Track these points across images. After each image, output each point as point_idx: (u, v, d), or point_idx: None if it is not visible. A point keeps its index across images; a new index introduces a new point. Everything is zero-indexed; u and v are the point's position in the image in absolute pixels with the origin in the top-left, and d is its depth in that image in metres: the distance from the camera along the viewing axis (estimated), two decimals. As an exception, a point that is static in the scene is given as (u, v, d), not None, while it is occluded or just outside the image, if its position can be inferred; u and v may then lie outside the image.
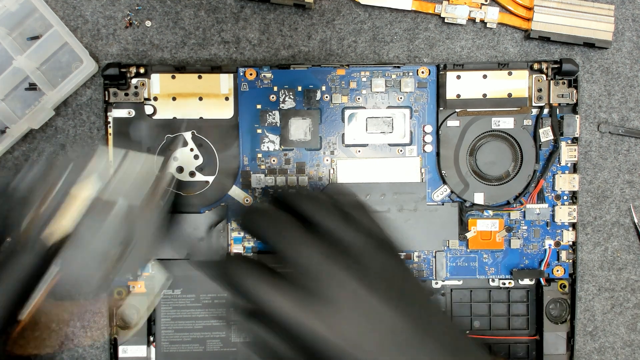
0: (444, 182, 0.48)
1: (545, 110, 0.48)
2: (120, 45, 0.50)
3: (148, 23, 0.50)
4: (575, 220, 0.48)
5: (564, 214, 0.48)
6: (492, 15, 0.49)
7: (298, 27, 0.50)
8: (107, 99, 0.47)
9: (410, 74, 0.48)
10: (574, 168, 0.48)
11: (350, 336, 0.28)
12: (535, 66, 0.48)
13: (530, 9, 0.49)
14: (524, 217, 0.48)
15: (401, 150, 0.48)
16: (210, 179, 0.47)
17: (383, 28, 0.50)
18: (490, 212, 0.49)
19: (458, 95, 0.48)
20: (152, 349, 0.47)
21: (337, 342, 0.28)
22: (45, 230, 0.36)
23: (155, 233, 0.39)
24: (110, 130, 0.48)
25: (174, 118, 0.47)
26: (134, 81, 0.47)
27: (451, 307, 0.49)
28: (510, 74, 0.47)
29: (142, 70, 0.47)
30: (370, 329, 0.28)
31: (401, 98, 0.48)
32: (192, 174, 0.48)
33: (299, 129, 0.48)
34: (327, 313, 0.28)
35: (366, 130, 0.48)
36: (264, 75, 0.48)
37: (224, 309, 0.48)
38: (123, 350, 0.47)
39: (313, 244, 0.29)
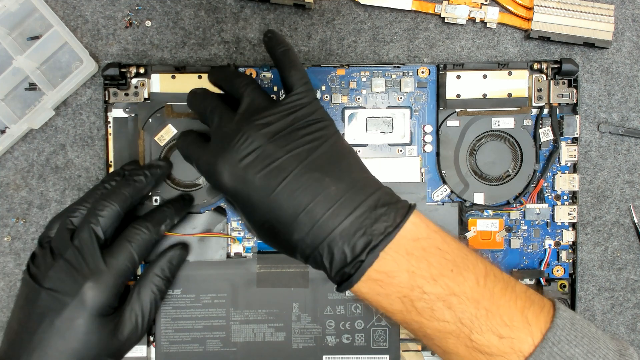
0: (444, 182, 0.48)
1: (545, 110, 0.48)
2: (120, 45, 0.50)
3: (148, 23, 0.50)
4: (575, 220, 0.48)
5: (564, 214, 0.48)
6: (492, 15, 0.49)
7: (298, 27, 0.50)
8: (107, 99, 0.47)
9: (410, 74, 0.48)
10: (574, 168, 0.48)
11: (246, 177, 0.33)
12: (535, 66, 0.48)
13: (530, 9, 0.49)
14: (524, 217, 0.48)
15: (401, 150, 0.48)
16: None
17: (383, 28, 0.50)
18: (490, 212, 0.49)
19: (458, 95, 0.48)
20: (152, 349, 0.47)
21: (236, 182, 0.34)
22: None
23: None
24: (110, 130, 0.48)
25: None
26: (134, 81, 0.47)
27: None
28: (510, 74, 0.47)
29: (142, 70, 0.47)
30: (271, 173, 0.33)
31: (401, 98, 0.48)
32: (192, 174, 0.48)
33: (299, 129, 0.48)
34: (230, 156, 0.34)
35: (366, 130, 0.48)
36: (264, 75, 0.48)
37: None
38: (123, 350, 0.47)
39: (226, 110, 0.37)
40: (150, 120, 0.47)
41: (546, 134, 0.48)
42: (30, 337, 0.37)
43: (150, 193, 0.47)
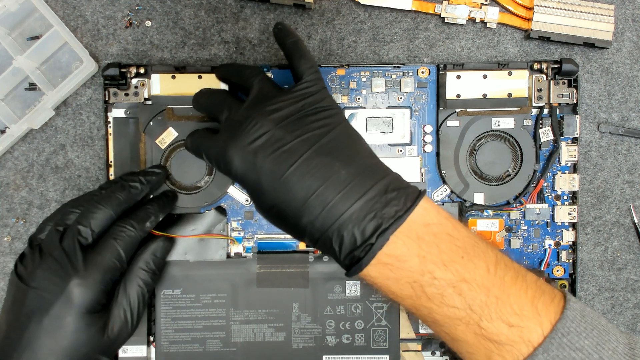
0: (444, 182, 0.48)
1: (545, 110, 0.48)
2: (120, 45, 0.50)
3: (148, 23, 0.50)
4: (575, 220, 0.48)
5: (564, 214, 0.48)
6: (492, 15, 0.49)
7: (298, 27, 0.50)
8: (107, 99, 0.47)
9: (410, 74, 0.48)
10: (574, 168, 0.48)
11: (257, 162, 0.34)
12: (535, 66, 0.48)
13: (530, 9, 0.49)
14: (524, 217, 0.48)
15: (401, 150, 0.48)
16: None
17: (383, 28, 0.50)
18: (490, 212, 0.49)
19: (458, 95, 0.48)
20: (152, 349, 0.47)
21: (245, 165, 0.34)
22: None
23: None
24: (110, 130, 0.48)
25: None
26: (134, 81, 0.47)
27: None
28: (510, 74, 0.47)
29: (142, 70, 0.47)
30: (281, 158, 0.33)
31: (401, 98, 0.48)
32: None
33: (299, 129, 0.48)
34: (242, 142, 0.34)
35: (366, 130, 0.48)
36: (264, 75, 0.48)
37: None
38: (123, 350, 0.47)
39: (234, 101, 0.38)
40: (151, 123, 0.47)
41: (546, 134, 0.48)
42: (20, 338, 0.37)
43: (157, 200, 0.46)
